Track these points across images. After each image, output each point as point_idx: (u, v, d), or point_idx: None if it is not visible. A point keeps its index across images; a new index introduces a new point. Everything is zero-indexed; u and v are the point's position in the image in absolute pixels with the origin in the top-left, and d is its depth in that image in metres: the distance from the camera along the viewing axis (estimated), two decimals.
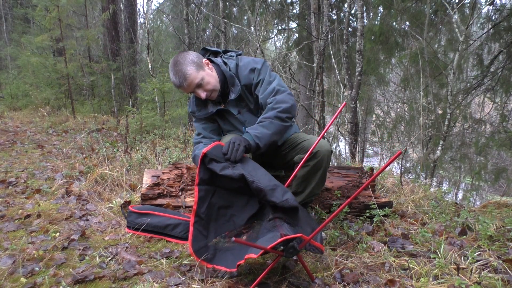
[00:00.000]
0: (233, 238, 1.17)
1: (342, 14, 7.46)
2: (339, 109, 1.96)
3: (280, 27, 9.07)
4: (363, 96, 8.19)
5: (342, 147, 7.73)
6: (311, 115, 6.13)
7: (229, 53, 2.00)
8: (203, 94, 1.83)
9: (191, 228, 1.60)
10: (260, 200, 1.67)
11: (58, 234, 1.91)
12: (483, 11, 6.18)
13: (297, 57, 8.09)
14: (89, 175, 2.91)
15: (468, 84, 6.00)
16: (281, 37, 9.53)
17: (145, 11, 11.19)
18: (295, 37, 9.06)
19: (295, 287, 1.46)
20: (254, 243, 1.41)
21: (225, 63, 1.93)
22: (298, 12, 8.81)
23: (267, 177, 1.63)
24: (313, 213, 2.14)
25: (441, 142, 4.73)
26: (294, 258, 1.65)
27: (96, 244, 1.83)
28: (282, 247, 1.37)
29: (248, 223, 1.70)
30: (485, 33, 5.78)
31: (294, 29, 9.09)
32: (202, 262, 1.54)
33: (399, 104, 8.63)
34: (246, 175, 1.60)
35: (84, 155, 3.66)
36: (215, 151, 1.66)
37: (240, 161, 1.66)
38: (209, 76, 1.84)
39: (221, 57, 1.99)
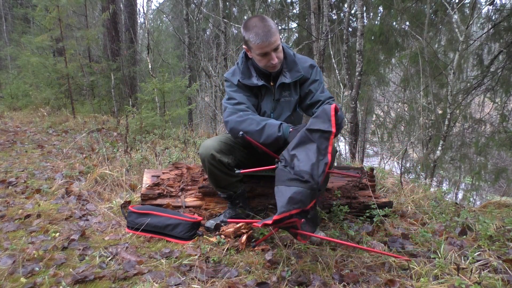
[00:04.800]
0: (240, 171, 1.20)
1: (342, 14, 7.46)
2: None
3: (280, 27, 9.07)
4: (363, 96, 8.19)
5: (342, 147, 7.73)
6: None
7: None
8: (275, 60, 1.81)
9: None
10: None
11: (58, 234, 1.91)
12: (483, 11, 6.19)
13: None
14: (89, 175, 2.91)
15: (468, 84, 6.00)
16: (281, 37, 9.52)
17: (145, 11, 11.17)
18: (295, 37, 9.07)
19: (295, 284, 1.46)
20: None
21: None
22: (298, 12, 8.81)
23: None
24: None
25: (441, 142, 4.73)
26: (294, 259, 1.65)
27: (96, 244, 1.83)
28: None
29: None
30: (485, 33, 5.78)
31: (294, 29, 9.10)
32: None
33: (399, 104, 8.63)
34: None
35: (84, 155, 3.66)
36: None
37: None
38: (281, 47, 1.86)
39: None
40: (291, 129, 1.74)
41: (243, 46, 1.89)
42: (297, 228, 1.53)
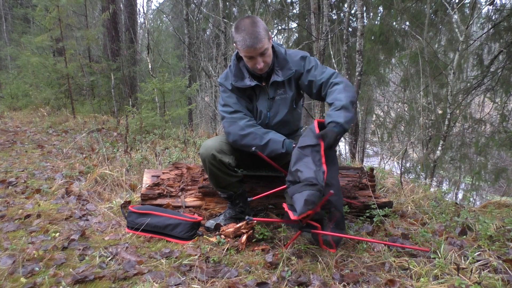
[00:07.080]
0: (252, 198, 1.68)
1: (342, 14, 7.46)
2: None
3: (280, 27, 9.07)
4: (363, 96, 8.19)
5: (342, 147, 7.73)
6: (311, 115, 6.13)
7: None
8: (261, 64, 1.81)
9: None
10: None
11: (58, 234, 1.91)
12: (483, 11, 6.18)
13: None
14: (89, 175, 2.91)
15: (468, 84, 5.99)
16: (281, 37, 9.53)
17: (145, 11, 11.20)
18: (295, 37, 9.07)
19: (295, 284, 1.46)
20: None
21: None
22: (298, 12, 8.82)
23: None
24: None
25: (441, 142, 4.73)
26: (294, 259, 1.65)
27: (96, 244, 1.82)
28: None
29: None
30: (485, 33, 5.77)
31: (294, 29, 9.10)
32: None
33: (399, 104, 8.63)
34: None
35: (84, 155, 3.66)
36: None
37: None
38: (270, 50, 1.86)
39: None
40: (294, 145, 1.80)
41: (234, 44, 1.90)
42: (316, 228, 1.70)
